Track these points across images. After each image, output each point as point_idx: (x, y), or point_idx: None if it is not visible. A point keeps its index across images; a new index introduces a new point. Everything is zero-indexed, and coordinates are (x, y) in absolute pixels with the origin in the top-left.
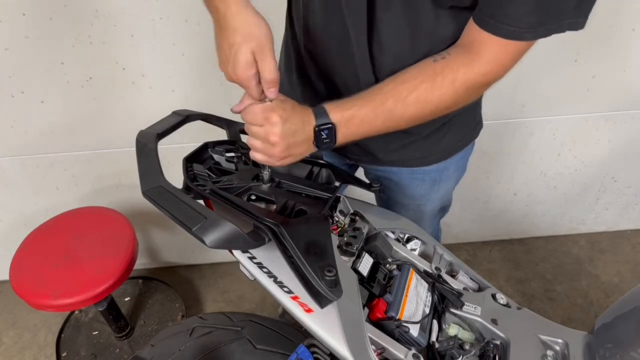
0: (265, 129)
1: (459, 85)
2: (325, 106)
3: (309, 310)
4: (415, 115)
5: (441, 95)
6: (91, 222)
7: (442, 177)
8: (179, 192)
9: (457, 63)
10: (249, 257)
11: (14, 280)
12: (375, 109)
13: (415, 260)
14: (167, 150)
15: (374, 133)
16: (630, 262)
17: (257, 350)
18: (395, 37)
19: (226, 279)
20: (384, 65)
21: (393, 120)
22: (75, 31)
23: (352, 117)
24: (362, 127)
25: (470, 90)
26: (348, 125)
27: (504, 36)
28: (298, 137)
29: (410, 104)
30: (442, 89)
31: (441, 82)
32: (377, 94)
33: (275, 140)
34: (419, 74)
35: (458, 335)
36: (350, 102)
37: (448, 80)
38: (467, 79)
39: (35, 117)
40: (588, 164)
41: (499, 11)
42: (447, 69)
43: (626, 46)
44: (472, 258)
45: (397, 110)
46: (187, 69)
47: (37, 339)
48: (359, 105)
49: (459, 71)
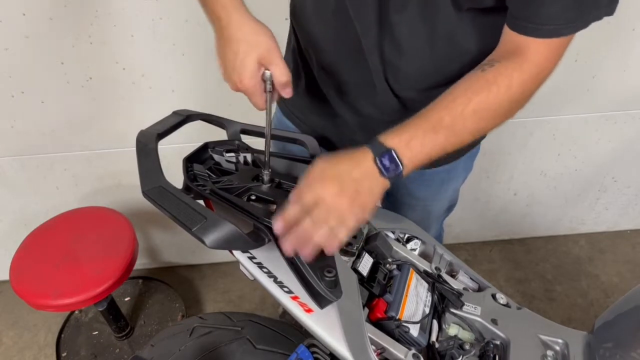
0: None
1: (515, 89)
2: (377, 137)
3: (309, 310)
4: (476, 127)
5: (499, 103)
6: (91, 222)
7: (450, 177)
8: (179, 192)
9: (509, 69)
10: (249, 257)
11: (14, 280)
12: (434, 126)
13: (415, 260)
14: (167, 150)
15: (441, 152)
16: (630, 262)
17: (257, 350)
18: (412, 41)
19: (226, 279)
20: (400, 72)
21: (456, 136)
22: (75, 31)
23: (411, 139)
24: (425, 147)
25: (526, 92)
26: (410, 147)
27: (544, 36)
28: (360, 181)
29: (468, 117)
30: (499, 96)
31: (497, 91)
32: (431, 114)
33: (339, 203)
34: (470, 87)
35: (458, 335)
36: (404, 126)
37: (504, 87)
38: (522, 81)
39: (35, 117)
40: (588, 164)
41: (535, 14)
42: (501, 77)
43: (626, 46)
44: (472, 258)
45: (457, 125)
46: (187, 69)
47: (37, 339)
48: (414, 127)
49: (513, 76)
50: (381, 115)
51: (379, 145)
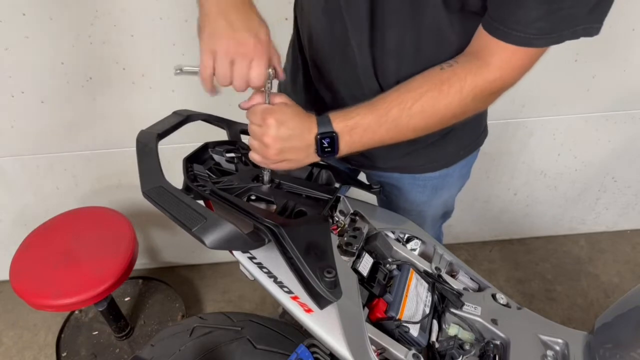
0: (262, 129)
1: (466, 93)
2: (329, 115)
3: (309, 310)
4: (420, 125)
5: (448, 104)
6: (91, 222)
7: (444, 184)
8: (179, 193)
9: (465, 70)
10: (249, 257)
11: (14, 280)
12: (379, 117)
13: (415, 260)
14: (167, 150)
15: (379, 143)
16: (630, 262)
17: (257, 350)
18: (401, 42)
19: (226, 279)
20: (387, 72)
21: (398, 130)
22: (75, 31)
23: (355, 126)
24: (365, 136)
25: (478, 98)
26: (351, 134)
27: (513, 42)
28: (294, 143)
29: (415, 114)
30: (448, 97)
31: (447, 91)
32: (381, 103)
33: (268, 141)
34: (425, 83)
35: (458, 335)
36: (354, 110)
37: (455, 88)
38: (475, 86)
39: (35, 117)
40: (588, 164)
41: (509, 17)
42: (454, 77)
43: (626, 46)
44: (472, 258)
45: (402, 119)
46: None
47: (37, 339)
48: (362, 113)
49: (467, 79)
50: None
51: (326, 124)
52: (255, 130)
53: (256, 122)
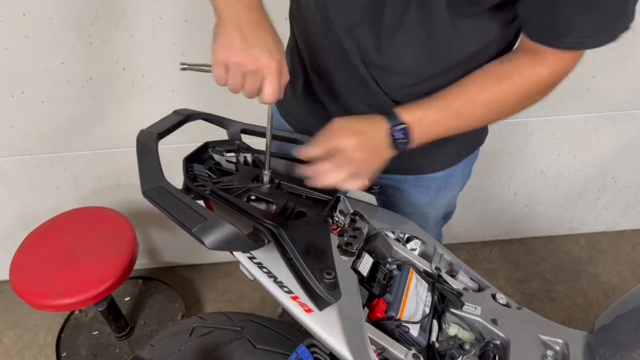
0: (344, 152)
1: (526, 88)
2: (394, 109)
3: (308, 310)
4: (484, 115)
5: (507, 98)
6: (91, 222)
7: (447, 184)
8: (179, 193)
9: (523, 65)
10: (249, 257)
11: (14, 280)
12: (445, 107)
13: (415, 260)
14: (167, 150)
15: (448, 133)
16: (630, 262)
17: (257, 350)
18: (409, 50)
19: (226, 279)
20: (392, 80)
21: (464, 120)
22: (75, 31)
23: (423, 117)
24: (434, 126)
25: (534, 93)
26: (421, 124)
27: (566, 48)
28: (375, 143)
29: (479, 105)
30: (509, 91)
31: (509, 85)
32: (445, 96)
33: (356, 157)
34: (487, 76)
35: (458, 335)
36: (419, 103)
37: (515, 83)
38: (534, 82)
39: (35, 117)
40: (588, 164)
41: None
42: (515, 72)
43: (626, 46)
44: (472, 258)
45: (467, 110)
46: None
47: (37, 339)
48: (427, 106)
49: (526, 74)
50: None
51: (395, 118)
52: (338, 160)
53: (334, 151)
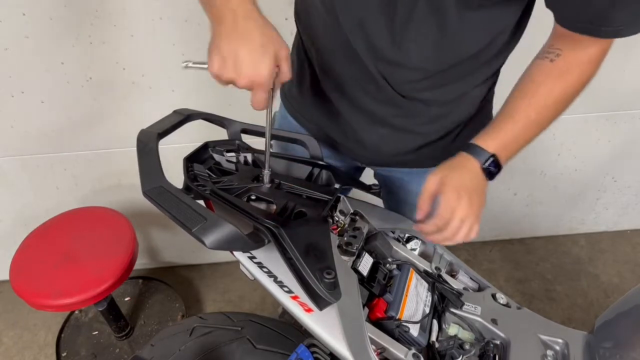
0: (460, 203)
1: (584, 77)
2: (476, 142)
3: (309, 310)
4: (554, 115)
5: (573, 91)
6: (91, 222)
7: None
8: (179, 193)
9: (574, 53)
10: (249, 257)
11: (14, 280)
12: (525, 126)
13: (415, 260)
14: (167, 150)
15: (528, 143)
16: (630, 262)
17: (257, 350)
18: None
19: (226, 279)
20: (401, 75)
21: (540, 126)
22: (75, 31)
23: (506, 141)
24: (517, 144)
25: (595, 69)
26: (506, 148)
27: (605, 37)
28: (477, 187)
29: (551, 108)
30: (574, 84)
31: (572, 79)
32: (517, 113)
33: (473, 200)
34: (547, 78)
35: (458, 335)
36: (496, 129)
37: (576, 75)
38: (587, 70)
39: (35, 117)
40: (588, 164)
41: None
42: (572, 66)
43: (626, 46)
44: (472, 258)
45: (542, 117)
46: (187, 69)
47: (37, 339)
48: (505, 129)
49: (581, 60)
50: (384, 110)
51: (481, 152)
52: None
53: (447, 219)
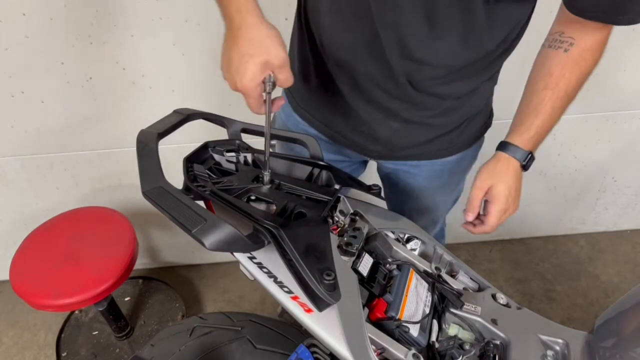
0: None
1: (597, 56)
2: (509, 141)
3: (308, 310)
4: (572, 100)
5: (589, 72)
6: (91, 222)
7: (459, 167)
8: (179, 193)
9: (586, 40)
10: (249, 257)
11: (14, 280)
12: (550, 117)
13: (415, 260)
14: (167, 150)
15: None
16: (630, 262)
17: (257, 350)
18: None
19: (226, 279)
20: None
21: (562, 113)
22: (75, 31)
23: (536, 134)
24: (545, 134)
25: (603, 51)
26: (538, 141)
27: (619, 24)
28: (517, 183)
29: (571, 94)
30: (588, 69)
31: (586, 65)
32: (542, 104)
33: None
34: (564, 69)
35: (458, 335)
36: (526, 124)
37: (590, 58)
38: (600, 45)
39: (35, 117)
40: (588, 164)
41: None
42: (585, 52)
43: (626, 46)
44: (472, 258)
45: (565, 105)
46: (187, 69)
47: (37, 339)
48: (536, 123)
49: (592, 45)
50: (399, 105)
51: (519, 151)
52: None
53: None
